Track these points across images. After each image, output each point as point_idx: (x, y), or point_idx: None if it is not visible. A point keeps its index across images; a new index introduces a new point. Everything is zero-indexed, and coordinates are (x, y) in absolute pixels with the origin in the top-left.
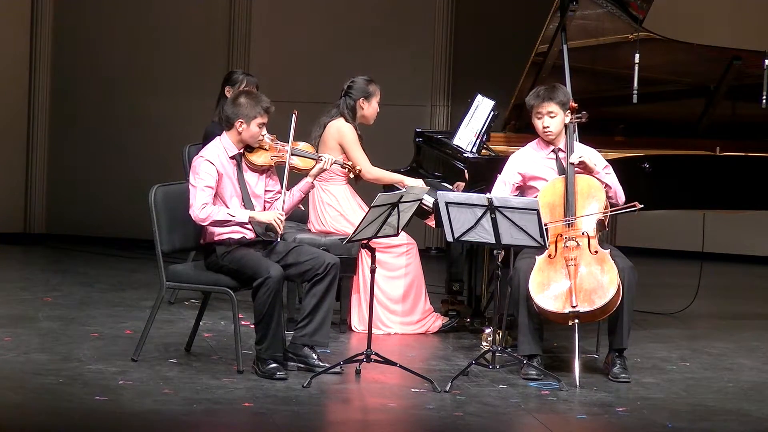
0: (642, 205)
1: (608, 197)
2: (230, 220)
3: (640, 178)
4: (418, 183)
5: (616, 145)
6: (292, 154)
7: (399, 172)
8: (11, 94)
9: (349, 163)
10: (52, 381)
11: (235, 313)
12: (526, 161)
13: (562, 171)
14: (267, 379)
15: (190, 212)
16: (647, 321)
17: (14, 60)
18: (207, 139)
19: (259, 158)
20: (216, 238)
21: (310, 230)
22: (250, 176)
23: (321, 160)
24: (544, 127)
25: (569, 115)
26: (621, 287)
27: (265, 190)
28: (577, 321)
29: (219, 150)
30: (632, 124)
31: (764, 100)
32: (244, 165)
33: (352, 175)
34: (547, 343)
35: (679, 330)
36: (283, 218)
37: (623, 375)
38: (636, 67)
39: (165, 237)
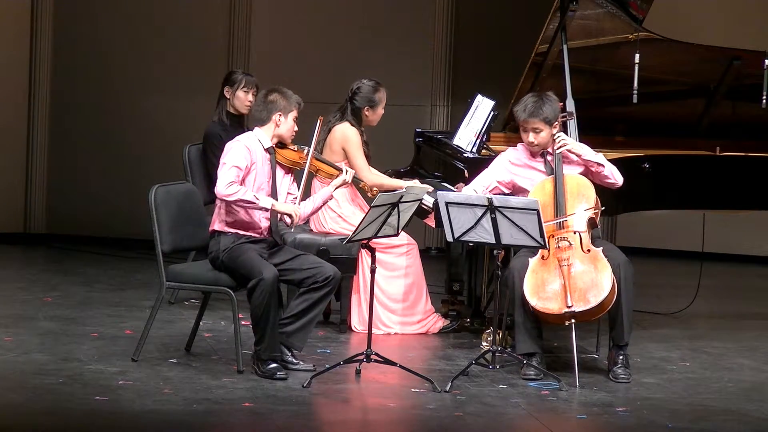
0: (603, 207)
1: (603, 179)
2: (254, 203)
3: (640, 178)
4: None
5: (616, 145)
6: (316, 159)
7: (399, 172)
8: (11, 95)
9: (365, 183)
10: (52, 381)
11: (235, 313)
12: (513, 160)
13: (551, 171)
14: (267, 379)
15: (215, 189)
16: (647, 321)
17: (14, 60)
18: (207, 139)
19: (290, 155)
20: (226, 228)
21: (311, 230)
22: (278, 172)
23: (345, 171)
24: (529, 142)
25: (558, 126)
26: (616, 284)
27: (288, 192)
28: (573, 321)
29: (255, 140)
30: (632, 124)
31: (764, 100)
32: (275, 159)
33: (369, 195)
34: (546, 343)
35: (679, 330)
36: (299, 213)
37: (623, 376)
38: (636, 67)
39: (165, 237)
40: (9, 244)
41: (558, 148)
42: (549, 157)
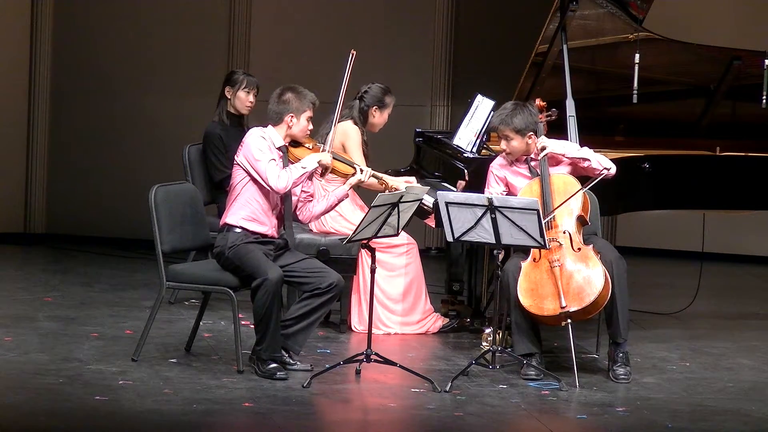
0: (613, 166)
1: (593, 172)
2: (305, 172)
3: (640, 178)
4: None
5: (616, 145)
6: (333, 158)
7: (399, 172)
8: (11, 94)
9: (384, 179)
10: (52, 381)
11: (235, 313)
12: (501, 169)
13: (535, 174)
14: (267, 379)
15: (268, 187)
16: (647, 321)
17: (14, 60)
18: (207, 139)
19: (304, 155)
20: (238, 222)
21: (311, 230)
22: None
23: (361, 171)
24: (503, 149)
25: (533, 136)
26: (609, 280)
27: (302, 190)
28: (569, 321)
29: (266, 138)
30: (632, 124)
31: (764, 100)
32: (287, 158)
33: (387, 192)
34: (546, 343)
35: (679, 330)
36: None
37: (623, 375)
38: (636, 67)
39: (165, 237)
40: (9, 244)
41: (540, 154)
42: (533, 163)
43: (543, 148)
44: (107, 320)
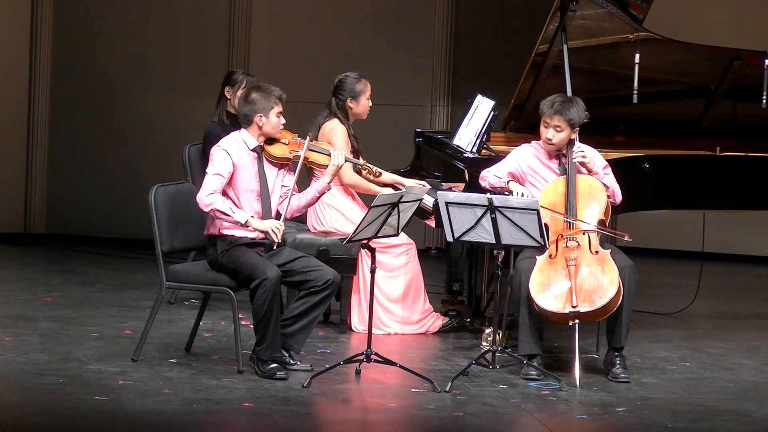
0: (630, 239)
1: (606, 196)
2: (229, 215)
3: (640, 178)
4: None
5: (616, 145)
6: (309, 149)
7: (398, 172)
8: (11, 94)
9: (363, 162)
10: (52, 381)
11: (235, 313)
12: (530, 157)
13: (563, 172)
14: (267, 379)
15: (196, 196)
16: (647, 321)
17: (14, 60)
18: (207, 139)
19: (278, 151)
20: (220, 232)
21: (309, 230)
22: (268, 170)
23: (334, 156)
24: (547, 138)
25: (577, 133)
26: (621, 287)
27: (282, 185)
28: (577, 321)
29: (238, 143)
30: (632, 124)
31: (764, 100)
32: (263, 158)
33: (372, 177)
34: (547, 343)
35: (679, 330)
36: (281, 228)
37: (623, 375)
38: (636, 67)
39: (165, 237)
40: (9, 244)
41: (574, 158)
42: (564, 159)
43: (581, 155)
44: (107, 320)
